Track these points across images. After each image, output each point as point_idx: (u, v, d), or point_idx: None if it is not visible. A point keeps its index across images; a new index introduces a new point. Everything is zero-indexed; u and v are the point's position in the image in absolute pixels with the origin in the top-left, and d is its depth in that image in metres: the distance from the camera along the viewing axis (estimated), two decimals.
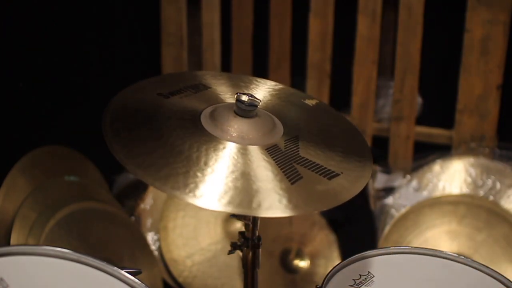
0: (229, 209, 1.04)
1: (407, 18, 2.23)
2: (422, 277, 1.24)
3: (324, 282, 1.15)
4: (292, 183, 1.10)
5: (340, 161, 1.21)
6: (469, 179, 2.24)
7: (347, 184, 1.15)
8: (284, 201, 1.07)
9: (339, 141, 1.28)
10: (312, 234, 2.23)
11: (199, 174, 1.06)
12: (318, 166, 1.16)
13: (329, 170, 1.16)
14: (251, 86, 1.37)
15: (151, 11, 2.45)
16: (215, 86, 1.33)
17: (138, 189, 2.31)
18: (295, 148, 1.19)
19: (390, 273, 1.23)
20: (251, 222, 1.29)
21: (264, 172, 1.10)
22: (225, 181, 1.07)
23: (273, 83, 1.42)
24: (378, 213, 2.29)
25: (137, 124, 1.15)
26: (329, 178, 1.15)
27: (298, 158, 1.16)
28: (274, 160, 1.14)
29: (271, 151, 1.16)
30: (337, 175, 1.16)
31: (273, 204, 1.06)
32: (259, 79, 1.41)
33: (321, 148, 1.22)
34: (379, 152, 2.37)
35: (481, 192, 2.21)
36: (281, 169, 1.12)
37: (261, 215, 1.05)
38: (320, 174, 1.15)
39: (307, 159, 1.17)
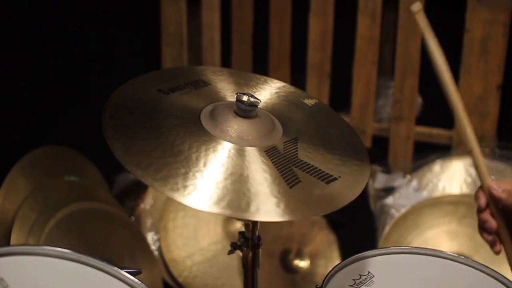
0: (227, 213, 1.02)
1: (407, 18, 2.23)
2: (422, 277, 1.24)
3: (324, 282, 1.15)
4: (290, 187, 1.09)
5: (338, 164, 1.19)
6: (469, 179, 2.24)
7: (344, 188, 1.14)
8: (282, 205, 1.06)
9: (337, 144, 1.26)
10: (312, 234, 2.23)
11: (198, 176, 1.06)
12: (316, 169, 1.15)
13: (327, 174, 1.15)
14: (251, 83, 1.36)
15: (151, 11, 2.45)
16: (215, 82, 1.31)
17: (138, 189, 2.31)
18: (294, 150, 1.17)
19: (390, 273, 1.23)
20: (251, 222, 1.29)
21: (263, 175, 1.09)
22: (223, 183, 1.06)
23: (273, 80, 1.40)
24: (378, 213, 2.28)
25: (137, 121, 1.14)
26: (327, 182, 1.13)
27: (296, 161, 1.15)
28: (272, 162, 1.12)
29: (270, 153, 1.14)
30: (335, 179, 1.14)
31: (271, 208, 1.05)
32: (258, 76, 1.39)
33: (319, 151, 1.20)
34: (379, 152, 2.37)
35: None
36: (279, 172, 1.11)
37: (258, 219, 1.04)
38: (318, 178, 1.13)
39: (305, 162, 1.15)
